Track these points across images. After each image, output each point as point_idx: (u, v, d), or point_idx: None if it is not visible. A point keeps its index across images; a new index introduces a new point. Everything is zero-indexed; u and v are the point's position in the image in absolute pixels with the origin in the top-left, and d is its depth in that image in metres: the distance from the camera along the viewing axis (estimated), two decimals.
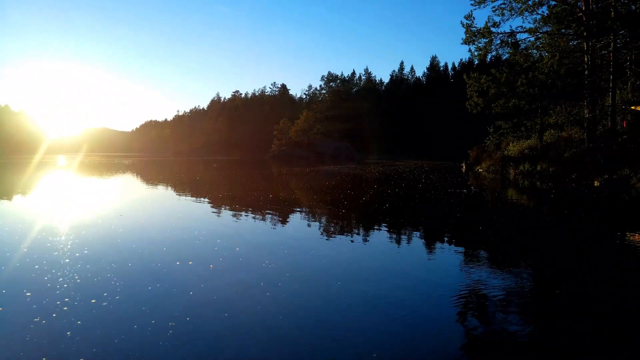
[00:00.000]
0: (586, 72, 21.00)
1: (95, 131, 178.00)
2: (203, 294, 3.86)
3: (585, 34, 20.23)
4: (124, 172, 24.42)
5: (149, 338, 2.93)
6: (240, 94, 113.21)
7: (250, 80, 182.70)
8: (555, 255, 5.80)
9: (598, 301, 3.94)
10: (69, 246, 5.67)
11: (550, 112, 23.47)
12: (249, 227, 7.46)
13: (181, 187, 15.27)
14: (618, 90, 20.88)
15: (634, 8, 21.12)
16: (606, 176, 15.96)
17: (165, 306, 3.52)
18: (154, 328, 3.09)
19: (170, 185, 16.05)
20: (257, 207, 9.87)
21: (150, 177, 21.26)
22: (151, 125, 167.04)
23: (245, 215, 8.65)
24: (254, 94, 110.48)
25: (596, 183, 15.98)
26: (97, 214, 8.57)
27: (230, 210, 9.50)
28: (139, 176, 21.42)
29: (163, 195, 12.86)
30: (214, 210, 9.60)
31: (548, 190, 15.01)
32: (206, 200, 11.56)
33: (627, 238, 6.85)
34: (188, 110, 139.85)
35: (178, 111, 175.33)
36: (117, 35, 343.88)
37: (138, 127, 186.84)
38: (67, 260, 4.94)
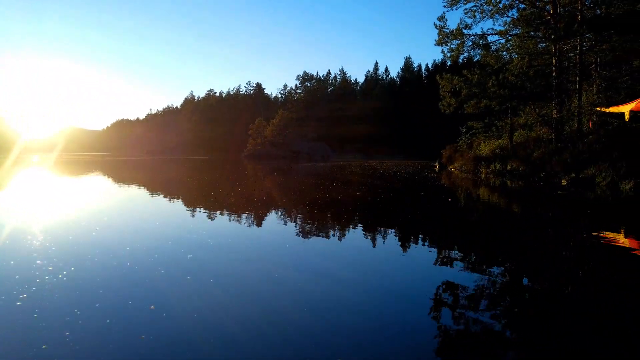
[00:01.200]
0: (554, 74, 21.59)
1: (65, 130, 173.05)
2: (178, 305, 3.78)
3: (553, 36, 20.80)
4: (95, 173, 23.82)
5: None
6: (215, 92, 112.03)
7: (225, 79, 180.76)
8: (523, 252, 5.93)
9: (568, 297, 4.04)
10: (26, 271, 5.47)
11: (520, 112, 24.05)
12: (233, 232, 7.36)
13: (160, 192, 14.99)
14: (584, 91, 21.54)
15: (599, 12, 21.84)
16: (573, 175, 16.44)
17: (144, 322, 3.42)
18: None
19: (148, 189, 15.72)
20: (238, 210, 9.77)
21: (123, 178, 20.81)
22: (122, 124, 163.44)
23: (228, 219, 8.54)
24: (228, 93, 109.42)
25: (563, 182, 16.45)
26: (64, 228, 8.29)
27: (212, 214, 9.36)
28: (110, 178, 20.94)
29: (140, 202, 12.57)
30: (187, 213, 9.45)
31: (518, 189, 15.38)
32: (180, 203, 11.37)
33: (593, 235, 7.06)
34: (161, 109, 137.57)
35: (150, 110, 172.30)
36: (85, 31, 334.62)
37: (109, 125, 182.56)
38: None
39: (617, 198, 12.37)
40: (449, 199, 12.52)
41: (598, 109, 18.31)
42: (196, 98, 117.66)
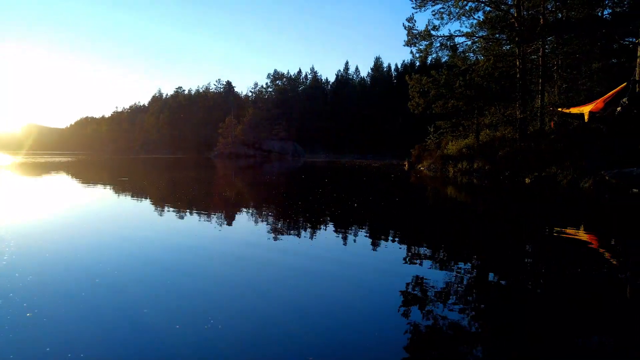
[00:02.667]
0: (518, 76, 22.25)
1: (24, 128, 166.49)
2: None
3: (517, 39, 21.42)
4: (57, 173, 23.03)
5: None
6: (183, 90, 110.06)
7: (194, 76, 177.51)
8: (489, 248, 6.10)
9: (533, 291, 4.18)
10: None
11: (486, 112, 24.68)
12: (196, 234, 7.26)
13: (128, 195, 14.62)
14: (547, 92, 22.30)
15: (560, 16, 22.65)
16: (536, 173, 16.99)
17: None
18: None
19: (118, 192, 15.31)
20: (209, 211, 9.64)
21: (88, 179, 20.20)
22: (87, 122, 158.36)
23: (199, 221, 8.41)
24: (197, 90, 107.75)
25: (527, 180, 16.98)
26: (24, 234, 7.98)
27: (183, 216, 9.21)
28: (74, 178, 20.29)
29: (108, 208, 12.23)
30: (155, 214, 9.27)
31: (484, 187, 15.79)
32: (148, 204, 11.14)
33: (555, 231, 7.32)
34: (127, 107, 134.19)
35: (117, 107, 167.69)
36: (48, 26, 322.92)
37: (72, 123, 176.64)
38: None
39: (577, 195, 12.87)
40: (397, 199, 12.72)
41: (559, 109, 18.99)
42: (164, 96, 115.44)
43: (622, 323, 3.39)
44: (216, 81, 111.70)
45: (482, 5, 22.97)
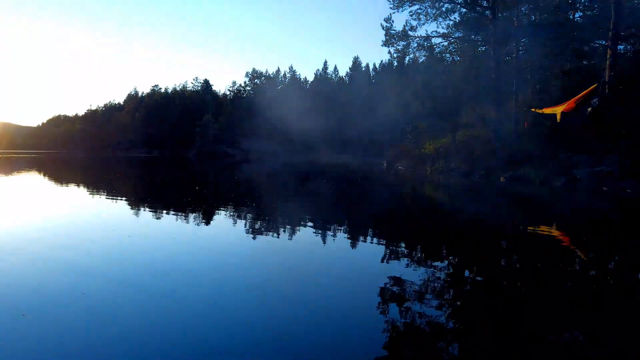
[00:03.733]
0: (493, 76, 22.66)
1: None
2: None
3: (492, 40, 21.81)
4: (27, 173, 22.42)
5: None
6: (160, 88, 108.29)
7: (171, 74, 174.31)
8: (463, 245, 6.21)
9: (506, 286, 4.27)
10: None
11: (462, 112, 25.06)
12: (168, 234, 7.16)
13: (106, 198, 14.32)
14: (520, 93, 22.78)
15: (533, 18, 23.19)
16: (510, 172, 17.35)
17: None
18: None
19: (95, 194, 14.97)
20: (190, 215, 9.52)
21: (62, 179, 19.72)
22: (60, 120, 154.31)
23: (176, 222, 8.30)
24: (174, 89, 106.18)
25: (502, 179, 17.32)
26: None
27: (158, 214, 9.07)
28: (47, 178, 19.79)
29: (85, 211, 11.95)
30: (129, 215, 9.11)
31: (460, 186, 16.06)
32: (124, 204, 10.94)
33: (528, 228, 7.50)
34: (102, 105, 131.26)
35: (90, 105, 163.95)
36: (18, 21, 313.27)
37: (45, 121, 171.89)
38: None
39: (549, 193, 13.20)
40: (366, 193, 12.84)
41: (532, 110, 19.41)
42: (140, 94, 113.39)
43: (591, 317, 3.50)
44: (193, 79, 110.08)
45: (458, 6, 23.31)
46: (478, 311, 3.65)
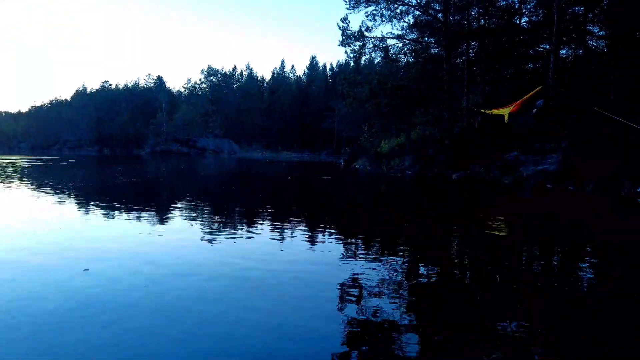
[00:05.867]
0: (445, 78, 23.38)
1: None
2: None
3: (444, 42, 22.50)
4: None
5: None
6: (110, 85, 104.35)
7: (122, 71, 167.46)
8: (421, 242, 6.41)
9: (459, 279, 4.46)
10: None
11: (416, 112, 25.73)
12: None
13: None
14: (471, 95, 23.64)
15: (482, 22, 24.11)
16: (462, 170, 18.00)
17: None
18: None
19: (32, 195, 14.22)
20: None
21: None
22: (0, 117, 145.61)
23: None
24: (126, 85, 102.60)
25: (454, 176, 17.94)
26: None
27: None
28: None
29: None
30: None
31: (415, 184, 16.50)
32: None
33: (479, 223, 7.82)
34: (47, 101, 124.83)
35: (35, 102, 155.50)
36: None
37: None
38: None
39: (498, 190, 13.81)
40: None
41: (482, 110, 20.19)
42: (89, 90, 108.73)
43: (535, 306, 3.73)
44: (146, 76, 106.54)
45: (412, 9, 23.87)
46: (432, 305, 3.80)
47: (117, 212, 8.52)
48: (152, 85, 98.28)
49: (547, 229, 7.74)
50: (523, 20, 24.66)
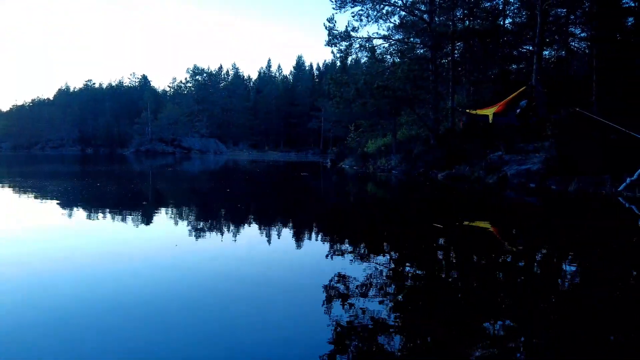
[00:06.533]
0: (431, 79, 23.55)
1: None
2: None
3: (429, 44, 22.66)
4: None
5: None
6: (94, 83, 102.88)
7: (106, 69, 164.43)
8: (404, 240, 6.44)
9: (445, 278, 4.49)
10: None
11: (402, 113, 25.87)
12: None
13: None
14: (456, 95, 23.85)
15: (467, 23, 24.35)
16: (447, 170, 18.14)
17: None
18: None
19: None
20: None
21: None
22: None
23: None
24: (110, 84, 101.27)
25: (439, 176, 18.07)
26: None
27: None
28: None
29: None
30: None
31: (400, 183, 16.60)
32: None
33: (464, 223, 7.90)
34: (29, 100, 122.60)
35: (16, 100, 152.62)
36: None
37: None
38: None
39: (483, 190, 13.96)
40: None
41: (467, 111, 20.38)
42: (72, 89, 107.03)
43: (522, 305, 3.78)
44: (130, 75, 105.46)
45: (398, 9, 23.98)
46: (418, 304, 3.82)
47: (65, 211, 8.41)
48: (137, 84, 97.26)
49: (530, 227, 7.85)
50: (507, 21, 25.00)
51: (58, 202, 10.04)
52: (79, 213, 8.59)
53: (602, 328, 3.28)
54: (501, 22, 24.24)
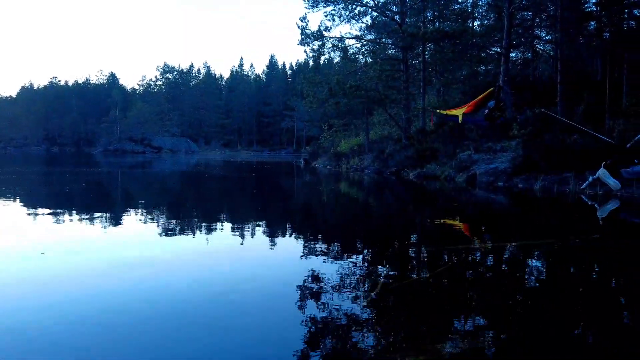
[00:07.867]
0: (402, 79, 23.88)
1: None
2: None
3: (401, 44, 22.97)
4: None
5: None
6: (59, 81, 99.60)
7: (72, 66, 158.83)
8: (377, 239, 6.54)
9: (417, 276, 4.59)
10: None
11: (375, 112, 26.14)
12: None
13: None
14: (427, 95, 24.25)
15: (437, 24, 24.78)
16: (418, 169, 18.45)
17: None
18: None
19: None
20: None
21: None
22: None
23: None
24: (76, 81, 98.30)
25: (411, 175, 18.36)
26: None
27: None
28: None
29: None
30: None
31: (373, 181, 16.78)
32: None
33: (435, 221, 8.07)
34: None
35: None
36: None
37: None
38: None
39: (453, 188, 14.27)
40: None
41: (438, 111, 20.75)
42: (36, 86, 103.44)
43: (494, 302, 3.90)
44: (98, 72, 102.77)
45: (370, 10, 24.21)
46: (391, 302, 3.90)
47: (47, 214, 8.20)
48: (104, 82, 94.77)
49: (499, 225, 8.08)
50: (476, 23, 25.57)
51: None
52: (44, 218, 8.37)
53: (565, 321, 3.44)
54: (470, 25, 24.79)
